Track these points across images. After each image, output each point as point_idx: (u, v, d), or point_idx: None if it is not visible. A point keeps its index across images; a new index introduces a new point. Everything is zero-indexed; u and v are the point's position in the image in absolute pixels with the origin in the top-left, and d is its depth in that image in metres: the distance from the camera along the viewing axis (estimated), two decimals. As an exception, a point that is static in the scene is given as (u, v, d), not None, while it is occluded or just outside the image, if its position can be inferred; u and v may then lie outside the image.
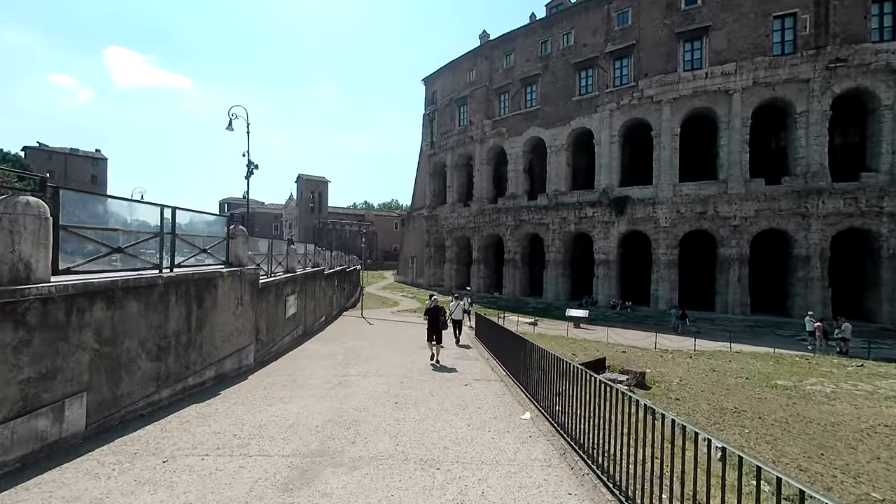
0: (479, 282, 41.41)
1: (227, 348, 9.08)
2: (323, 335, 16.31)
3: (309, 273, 16.71)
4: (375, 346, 14.17)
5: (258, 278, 10.58)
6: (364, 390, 8.34)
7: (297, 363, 11.02)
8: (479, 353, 13.58)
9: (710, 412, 12.23)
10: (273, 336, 12.04)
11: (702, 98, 31.14)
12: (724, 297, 30.56)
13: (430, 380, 9.52)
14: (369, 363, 11.28)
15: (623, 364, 16.61)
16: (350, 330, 18.10)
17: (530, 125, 37.85)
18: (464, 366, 11.44)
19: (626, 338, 21.56)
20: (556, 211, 35.95)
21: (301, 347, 13.43)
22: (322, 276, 19.08)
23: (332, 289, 21.82)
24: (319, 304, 18.56)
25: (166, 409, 6.74)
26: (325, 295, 20.12)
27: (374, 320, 22.18)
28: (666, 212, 31.80)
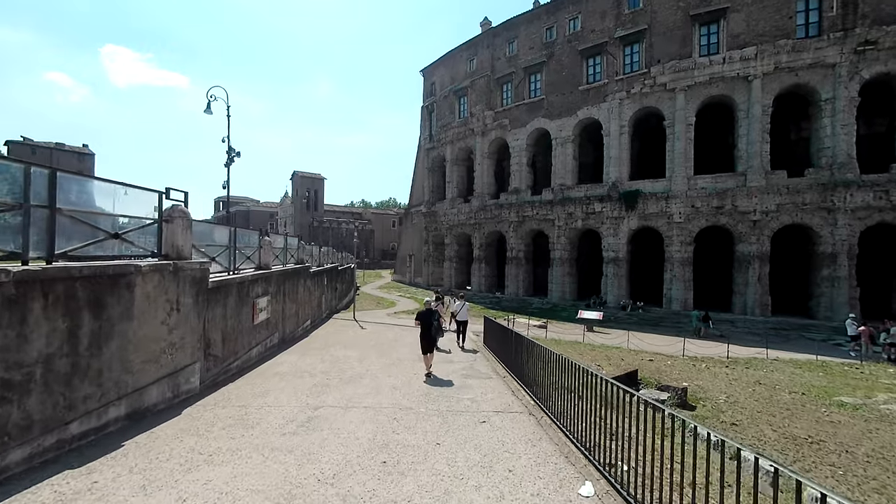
0: (480, 281, 38.78)
1: (152, 372, 6.40)
2: (305, 343, 13.62)
3: (290, 270, 14.02)
4: (365, 359, 11.51)
5: (206, 276, 7.90)
6: (339, 436, 5.67)
7: (261, 385, 8.34)
8: (491, 367, 10.95)
9: (779, 442, 9.63)
10: (234, 348, 9.36)
11: (719, 85, 28.61)
12: (742, 297, 28.02)
13: (433, 413, 6.87)
14: (355, 384, 8.62)
15: (654, 376, 14.02)
16: (339, 336, 15.43)
17: (534, 116, 35.25)
18: (475, 387, 8.80)
19: (648, 343, 18.99)
20: (562, 206, 33.36)
21: (273, 361, 10.76)
22: (307, 274, 16.40)
23: (320, 289, 19.14)
24: (304, 307, 15.89)
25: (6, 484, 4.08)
26: (312, 296, 17.44)
27: (367, 324, 19.51)
28: (680, 206, 29.25)
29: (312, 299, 17.50)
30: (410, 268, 49.41)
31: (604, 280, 32.05)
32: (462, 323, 14.39)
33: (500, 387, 8.85)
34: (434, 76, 44.32)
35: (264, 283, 11.35)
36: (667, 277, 30.01)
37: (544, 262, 36.37)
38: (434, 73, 44.31)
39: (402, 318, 23.73)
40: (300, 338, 14.52)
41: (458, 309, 14.93)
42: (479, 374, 10.13)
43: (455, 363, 11.14)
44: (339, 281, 27.12)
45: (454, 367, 10.53)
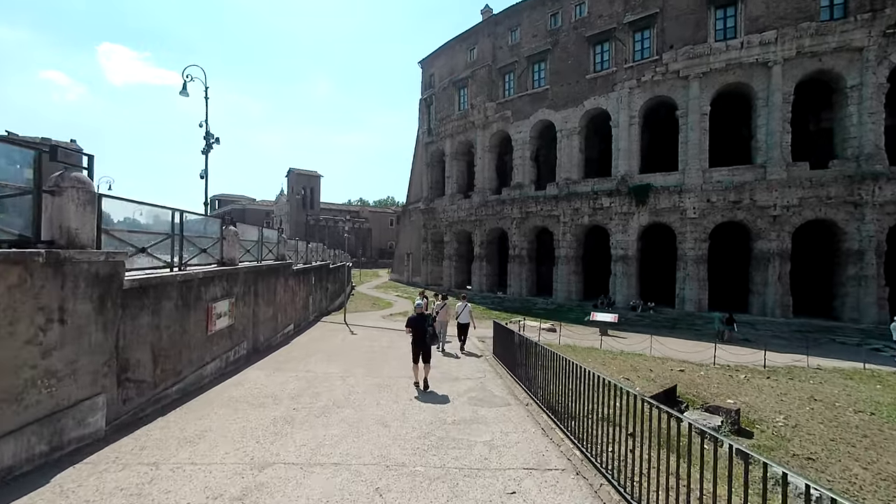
0: (481, 280, 36.48)
1: (7, 418, 4.07)
2: (282, 353, 11.29)
3: (265, 268, 11.68)
4: (350, 375, 9.19)
5: (119, 272, 5.57)
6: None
7: (200, 422, 6.00)
8: (506, 387, 8.65)
9: (878, 486, 7.38)
10: (176, 368, 7.03)
11: (736, 72, 26.39)
12: (761, 297, 25.81)
13: (437, 475, 4.55)
14: (329, 418, 6.30)
15: (692, 391, 11.76)
16: (324, 343, 13.12)
17: (538, 107, 32.96)
18: (491, 420, 6.48)
19: (671, 348, 16.73)
20: (568, 201, 31.09)
21: (234, 379, 8.42)
22: (288, 272, 14.06)
23: (306, 288, 16.80)
24: (284, 309, 13.55)
25: None
26: (296, 297, 15.10)
27: (359, 328, 17.18)
28: (694, 201, 27.01)
29: (296, 301, 15.16)
30: (408, 267, 47.08)
31: (612, 279, 29.80)
32: (464, 326, 13.08)
33: (523, 420, 6.54)
34: (433, 67, 41.99)
35: (226, 282, 9.00)
36: (679, 276, 27.79)
37: (548, 260, 34.10)
38: (433, 65, 41.98)
39: (398, 320, 21.41)
40: (278, 346, 12.19)
41: (460, 311, 13.27)
42: (492, 398, 7.82)
43: (460, 380, 8.86)
44: (332, 280, 24.77)
45: (460, 388, 8.24)
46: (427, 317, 9.18)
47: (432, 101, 41.66)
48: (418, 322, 8.69)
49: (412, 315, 8.98)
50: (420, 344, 8.49)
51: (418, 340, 8.53)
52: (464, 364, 10.71)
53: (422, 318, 8.82)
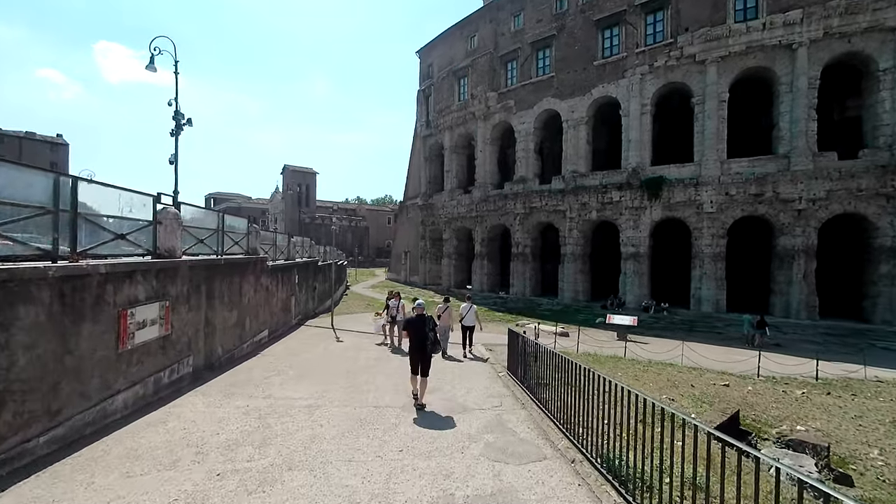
0: (481, 279, 34.08)
1: None
2: (241, 370, 8.83)
3: (223, 262, 9.22)
4: (321, 404, 6.75)
5: None
6: None
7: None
8: (534, 424, 6.20)
9: None
10: (47, 408, 4.56)
11: (757, 55, 24.08)
12: (784, 297, 23.50)
13: None
14: (268, 495, 3.87)
15: (748, 413, 9.38)
16: (301, 355, 10.68)
17: (543, 96, 30.59)
18: (522, 489, 4.03)
19: (702, 355, 14.37)
20: (575, 196, 28.73)
21: (156, 415, 5.95)
22: (260, 268, 11.61)
23: (286, 288, 14.33)
24: (255, 313, 11.10)
25: None
26: (272, 298, 12.65)
27: (347, 333, 14.73)
28: (712, 194, 24.70)
29: (272, 302, 12.70)
30: (406, 265, 44.64)
31: (622, 278, 27.45)
32: (469, 328, 12.07)
33: (574, 493, 4.10)
34: (431, 57, 39.56)
35: (155, 279, 6.55)
36: (695, 275, 25.48)
37: (553, 258, 31.74)
38: (431, 54, 39.55)
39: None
40: (242, 358, 9.74)
41: (465, 312, 12.12)
42: (518, 444, 5.38)
43: (471, 411, 6.47)
44: (321, 279, 22.31)
45: (471, 425, 5.84)
46: (428, 319, 7.35)
47: (431, 93, 39.24)
48: (418, 325, 7.20)
49: (410, 316, 7.77)
50: (419, 352, 7.03)
51: (417, 347, 7.09)
52: (472, 381, 8.32)
53: (421, 321, 7.28)
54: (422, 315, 7.36)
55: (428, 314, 8.05)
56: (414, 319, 7.33)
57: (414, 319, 7.33)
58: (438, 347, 7.77)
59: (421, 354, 6.97)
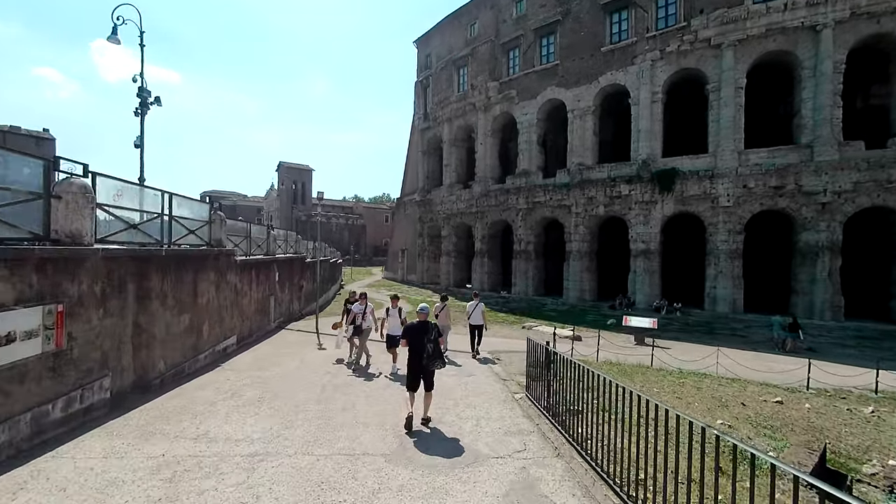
0: (482, 278, 32.16)
1: None
2: (183, 393, 6.89)
3: (170, 255, 7.27)
4: (273, 451, 4.83)
5: None
6: None
7: None
8: (579, 486, 4.25)
9: None
10: None
11: (777, 38, 22.24)
12: (806, 297, 21.68)
13: None
14: None
15: (819, 441, 7.48)
16: (269, 369, 8.74)
17: (547, 85, 28.70)
18: None
19: (736, 361, 12.47)
20: (581, 189, 26.84)
21: (17, 474, 4.01)
22: (226, 263, 9.66)
23: (263, 288, 12.39)
24: (217, 317, 9.17)
25: None
26: (242, 298, 10.71)
27: (332, 339, 12.75)
28: (728, 187, 22.84)
29: (243, 303, 10.75)
30: (403, 264, 42.68)
31: (631, 276, 25.58)
32: (476, 328, 11.48)
33: None
34: (429, 46, 37.60)
35: (33, 273, 4.61)
36: (710, 273, 23.63)
37: (557, 255, 29.89)
38: (429, 43, 37.58)
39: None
40: (196, 373, 7.82)
41: (472, 310, 11.51)
42: None
43: (484, 461, 4.60)
44: (309, 277, 20.33)
45: (486, 490, 3.90)
46: (431, 328, 6.17)
47: (429, 84, 37.28)
48: (418, 332, 6.12)
49: (411, 322, 6.58)
50: (418, 364, 6.03)
51: (416, 359, 6.06)
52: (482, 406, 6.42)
53: (423, 328, 6.18)
54: (424, 322, 6.18)
55: (433, 321, 6.51)
56: (414, 326, 6.19)
57: (414, 326, 6.19)
58: (440, 363, 6.06)
59: (420, 367, 5.92)
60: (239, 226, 11.66)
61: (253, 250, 12.44)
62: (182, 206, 8.17)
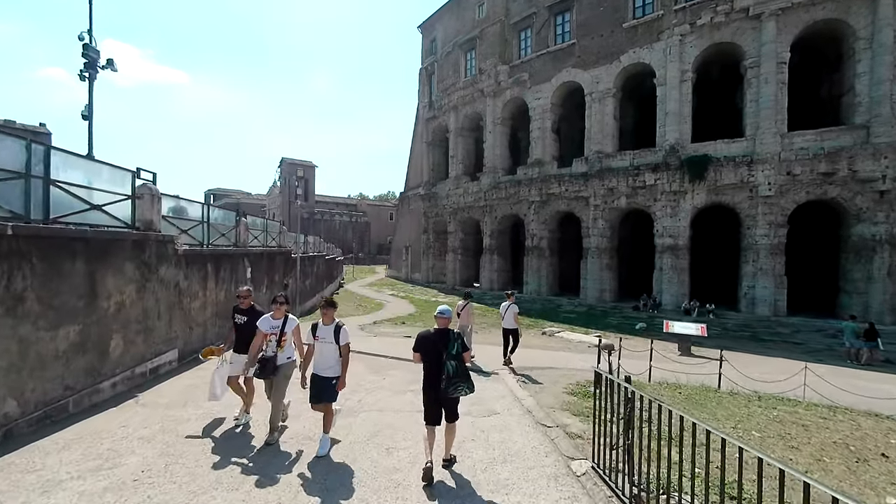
0: (491, 276, 29.44)
1: None
2: (39, 450, 4.28)
3: (40, 234, 4.65)
4: None
5: None
6: None
7: None
8: None
9: None
10: None
11: (827, 6, 19.30)
12: (861, 298, 18.77)
13: None
14: None
15: None
16: (199, 406, 6.06)
17: (562, 67, 25.89)
18: None
19: (817, 379, 9.62)
20: (601, 180, 24.00)
21: None
22: (156, 252, 7.01)
23: (222, 287, 9.71)
24: (139, 328, 6.65)
25: None
26: (187, 301, 8.10)
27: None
28: (770, 174, 19.92)
29: (192, 308, 8.18)
30: (407, 261, 40.05)
31: (656, 275, 22.71)
32: (510, 332, 9.74)
33: None
34: (435, 30, 34.89)
35: None
36: (747, 271, 20.74)
37: (573, 252, 27.13)
38: (435, 27, 34.87)
39: (383, 331, 14.35)
40: (90, 410, 5.26)
41: (504, 311, 9.83)
42: None
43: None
44: (295, 275, 17.72)
45: None
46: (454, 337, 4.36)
47: (434, 70, 34.58)
48: (435, 344, 4.32)
49: (425, 331, 4.54)
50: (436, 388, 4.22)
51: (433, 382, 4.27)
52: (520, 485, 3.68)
53: (442, 338, 4.35)
54: (444, 331, 4.41)
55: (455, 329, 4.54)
56: (429, 336, 4.43)
57: (429, 336, 4.43)
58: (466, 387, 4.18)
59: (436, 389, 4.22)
60: (192, 209, 9.03)
61: (216, 239, 9.81)
62: (76, 168, 5.56)
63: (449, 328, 4.44)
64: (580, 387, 7.78)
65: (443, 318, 4.41)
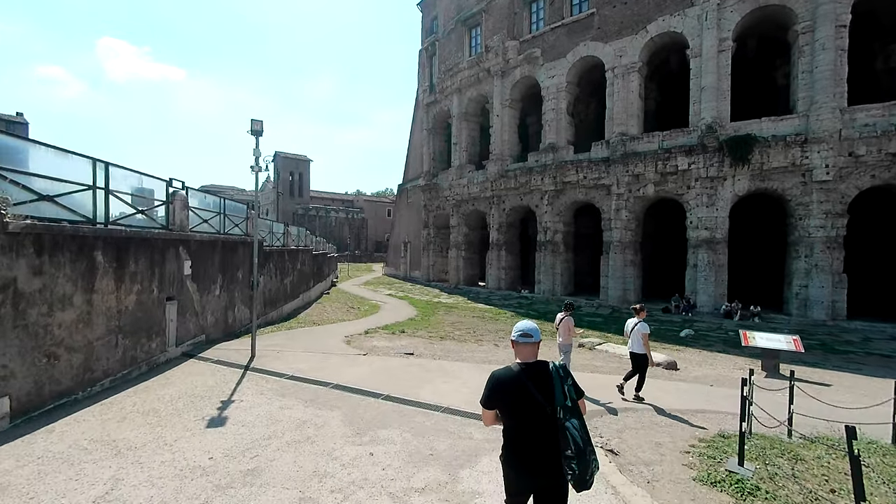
0: (498, 274, 26.19)
1: None
2: None
3: None
4: None
5: None
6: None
7: None
8: None
9: None
10: None
11: (896, -41, 16.12)
12: (937, 299, 15.61)
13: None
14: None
15: None
16: None
17: (579, 40, 22.67)
18: None
19: None
20: (624, 165, 20.81)
21: None
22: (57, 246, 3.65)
23: (136, 288, 6.38)
24: None
25: None
26: (53, 313, 4.71)
27: (265, 379, 6.80)
28: (827, 155, 16.79)
29: (59, 322, 4.76)
30: (405, 259, 36.75)
31: (690, 272, 19.55)
32: (637, 358, 6.89)
33: None
34: (436, 7, 31.59)
35: None
36: (798, 269, 17.66)
37: (588, 247, 24.01)
38: (436, 3, 31.58)
39: (378, 345, 11.02)
40: None
41: (630, 330, 7.04)
42: None
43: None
44: (273, 272, 14.38)
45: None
46: (560, 373, 2.30)
47: (435, 51, 31.26)
48: (527, 391, 2.25)
49: (505, 370, 2.41)
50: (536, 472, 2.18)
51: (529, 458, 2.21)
52: None
53: (538, 378, 2.29)
54: (538, 365, 2.39)
55: (559, 362, 2.42)
56: (515, 377, 2.31)
57: (515, 377, 2.31)
58: (596, 464, 1.81)
59: (538, 481, 2.18)
60: (71, 163, 5.70)
61: (122, 217, 6.50)
62: None
63: (544, 360, 2.44)
64: (707, 449, 4.58)
65: (529, 345, 2.45)
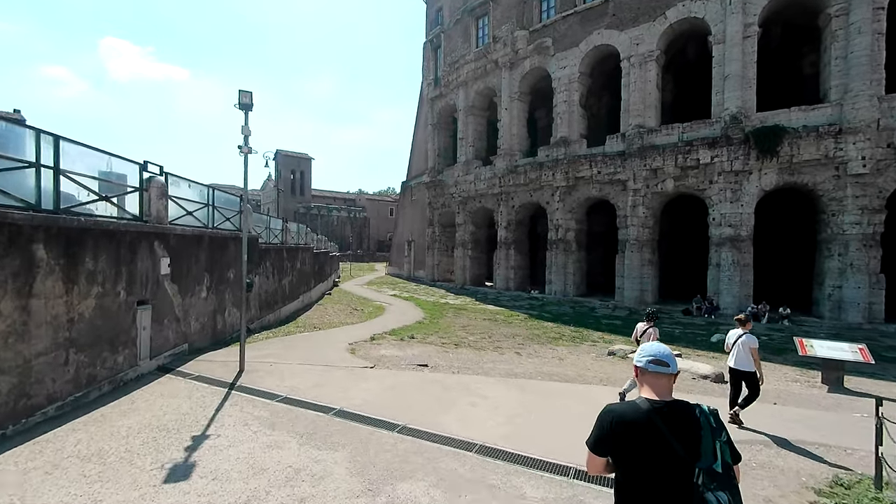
0: (506, 274, 25.02)
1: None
2: None
3: None
4: None
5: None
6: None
7: None
8: None
9: None
10: None
11: (940, -66, 14.88)
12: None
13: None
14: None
15: None
16: None
17: (593, 29, 21.47)
18: None
19: None
20: (642, 159, 19.62)
21: None
22: None
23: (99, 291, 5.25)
24: None
25: None
26: None
27: (248, 402, 5.65)
28: (864, 147, 15.59)
29: None
30: (409, 258, 35.58)
31: (712, 272, 18.35)
32: (743, 376, 5.81)
33: None
34: None
35: None
36: (830, 267, 16.46)
37: (601, 246, 22.85)
38: (441, -6, 30.33)
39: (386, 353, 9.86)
40: None
41: (731, 341, 6.01)
42: None
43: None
44: (269, 271, 13.21)
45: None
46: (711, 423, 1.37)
47: (440, 43, 30.07)
48: (663, 440, 1.34)
49: (625, 406, 1.54)
50: None
51: None
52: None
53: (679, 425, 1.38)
54: (678, 406, 1.47)
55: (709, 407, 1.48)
56: (642, 420, 1.40)
57: (642, 420, 1.40)
58: None
59: None
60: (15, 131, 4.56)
61: (77, 205, 5.34)
62: None
63: (684, 400, 1.56)
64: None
65: (664, 376, 1.59)
